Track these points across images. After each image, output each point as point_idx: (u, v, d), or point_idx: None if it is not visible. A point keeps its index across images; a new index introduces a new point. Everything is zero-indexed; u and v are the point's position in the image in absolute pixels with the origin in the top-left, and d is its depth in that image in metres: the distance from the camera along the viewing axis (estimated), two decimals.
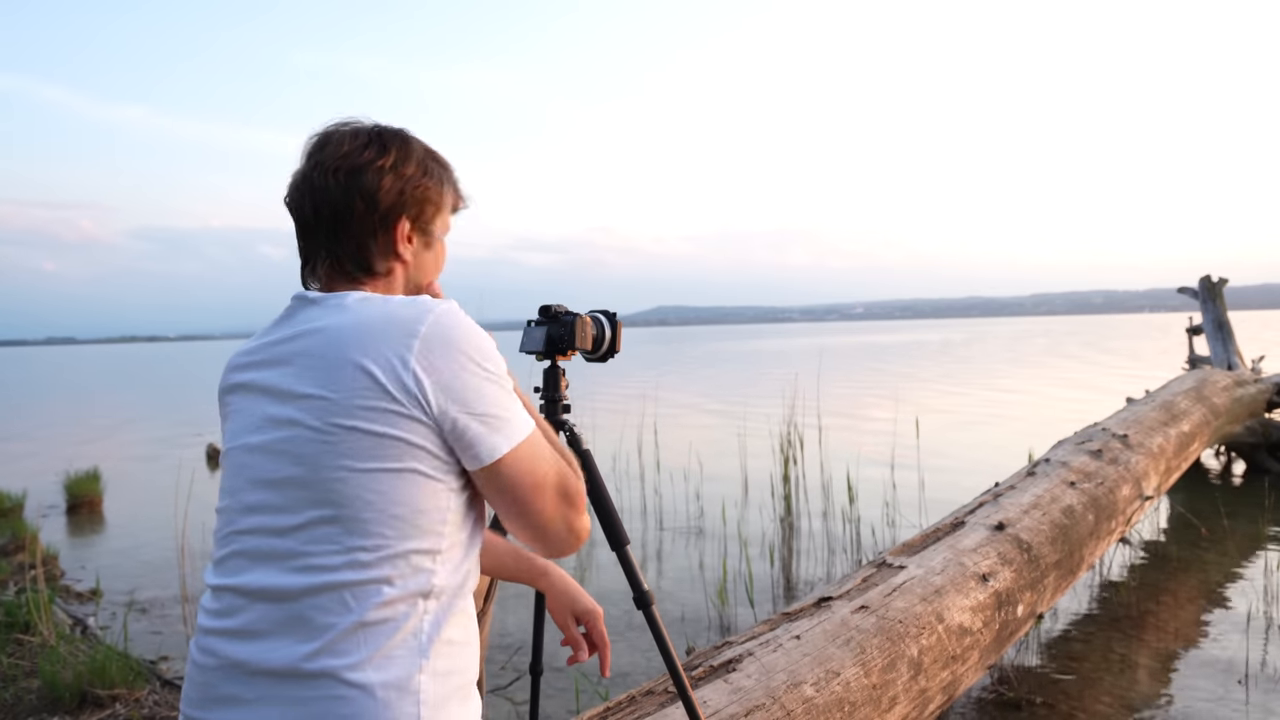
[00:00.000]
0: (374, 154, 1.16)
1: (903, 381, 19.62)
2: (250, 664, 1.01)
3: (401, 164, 1.18)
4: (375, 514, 1.01)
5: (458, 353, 1.05)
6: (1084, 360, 26.41)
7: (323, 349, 1.06)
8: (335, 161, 1.14)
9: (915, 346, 44.35)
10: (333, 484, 1.02)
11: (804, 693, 1.95)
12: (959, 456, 8.52)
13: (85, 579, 5.38)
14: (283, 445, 1.05)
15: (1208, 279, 8.83)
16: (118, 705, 3.22)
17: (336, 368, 1.03)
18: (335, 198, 1.14)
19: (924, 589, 2.52)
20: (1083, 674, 3.36)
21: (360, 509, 1.01)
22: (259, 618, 1.02)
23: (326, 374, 1.04)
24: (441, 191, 1.22)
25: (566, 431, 1.72)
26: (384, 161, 1.17)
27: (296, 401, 1.05)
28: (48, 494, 7.97)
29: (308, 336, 1.08)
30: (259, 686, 1.00)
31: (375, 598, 1.00)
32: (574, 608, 1.49)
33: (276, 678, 0.99)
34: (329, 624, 0.99)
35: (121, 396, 26.60)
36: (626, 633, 3.99)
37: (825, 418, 8.99)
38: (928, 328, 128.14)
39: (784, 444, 6.64)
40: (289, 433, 1.04)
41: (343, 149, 1.15)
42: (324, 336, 1.07)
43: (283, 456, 1.05)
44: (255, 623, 1.02)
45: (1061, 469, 3.86)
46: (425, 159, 1.21)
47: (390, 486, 1.02)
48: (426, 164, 1.21)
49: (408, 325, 1.05)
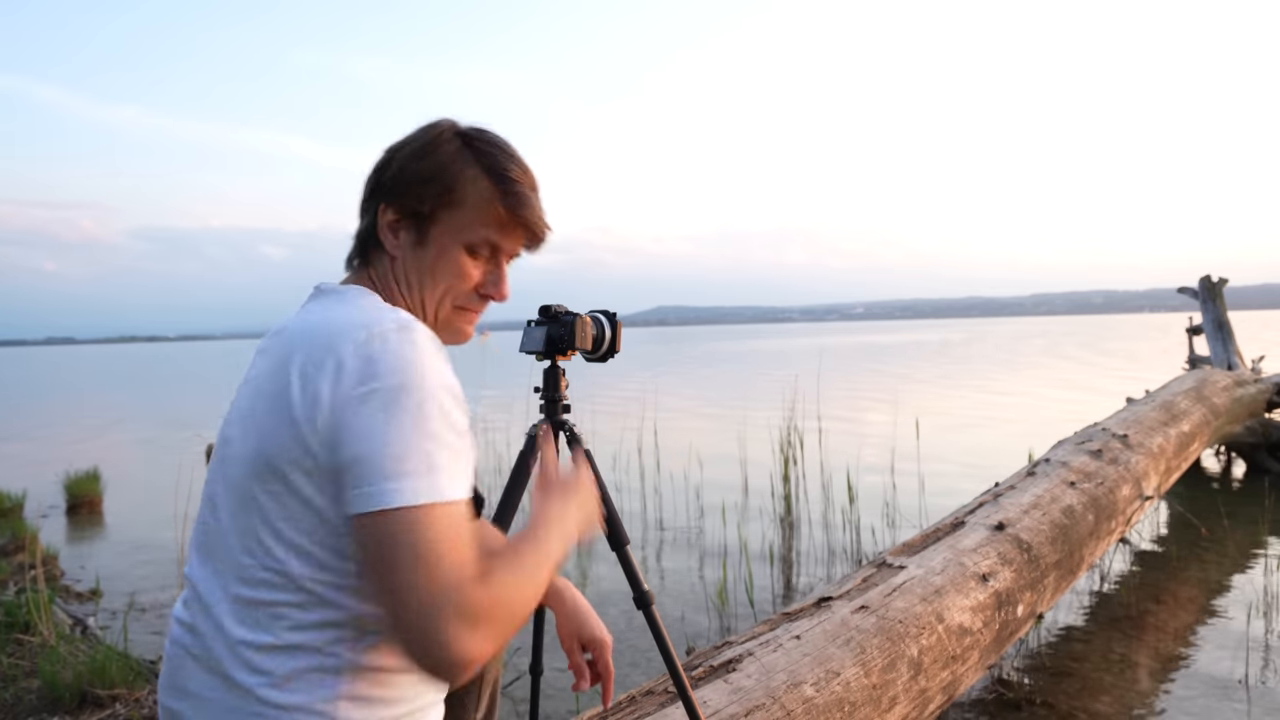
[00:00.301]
0: (405, 137, 1.15)
1: (902, 382, 19.62)
2: (200, 658, 1.01)
3: (418, 147, 1.13)
4: (281, 538, 0.97)
5: (370, 378, 0.93)
6: (1081, 361, 26.41)
7: (279, 349, 1.02)
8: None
9: (915, 347, 44.35)
10: (250, 499, 0.99)
11: (804, 693, 1.95)
12: (959, 457, 8.51)
13: (85, 579, 5.38)
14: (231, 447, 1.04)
15: (1208, 279, 8.83)
16: (118, 705, 3.22)
17: (280, 373, 0.99)
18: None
19: (924, 589, 2.52)
20: (1083, 674, 3.36)
21: (271, 527, 0.98)
22: (200, 615, 1.02)
23: (271, 380, 1.00)
24: (463, 191, 1.11)
25: (567, 431, 1.72)
26: (403, 141, 1.15)
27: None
28: (48, 494, 7.96)
29: (279, 334, 1.07)
30: (206, 684, 1.00)
31: (286, 620, 0.97)
32: (581, 633, 1.44)
33: (218, 678, 0.99)
34: (246, 639, 0.98)
35: (122, 396, 26.59)
36: (626, 633, 3.99)
37: (825, 418, 9.00)
38: (928, 328, 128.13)
39: (784, 444, 6.64)
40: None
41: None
42: (285, 337, 1.04)
43: (225, 460, 1.04)
44: (197, 619, 1.02)
45: (1061, 469, 3.86)
46: (459, 153, 1.12)
47: (293, 512, 0.97)
48: (455, 155, 1.12)
49: (338, 336, 0.97)
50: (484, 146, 1.13)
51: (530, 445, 1.78)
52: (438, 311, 1.15)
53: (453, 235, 1.12)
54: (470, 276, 1.14)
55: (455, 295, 1.14)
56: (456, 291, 1.14)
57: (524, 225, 1.14)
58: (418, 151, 1.12)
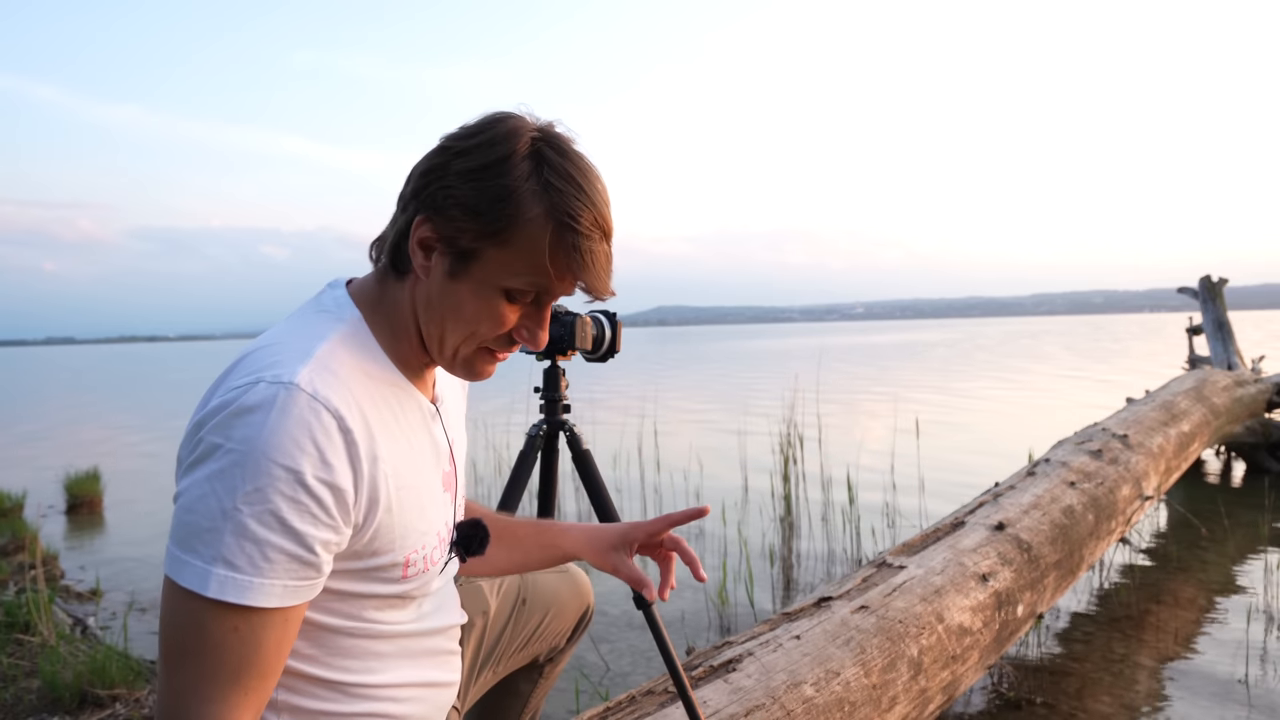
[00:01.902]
0: (467, 133, 0.96)
1: (903, 381, 19.62)
2: None
3: (479, 165, 0.92)
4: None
5: (213, 442, 0.82)
6: (1081, 361, 26.41)
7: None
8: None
9: (915, 346, 44.34)
10: None
11: (804, 693, 1.95)
12: (959, 456, 8.51)
13: (85, 579, 5.37)
14: None
15: (1208, 279, 8.83)
16: (118, 705, 3.22)
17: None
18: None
19: (924, 589, 2.52)
20: (1083, 674, 3.35)
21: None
22: None
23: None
24: (519, 233, 0.92)
25: (567, 431, 1.72)
26: (465, 139, 0.95)
27: None
28: (47, 494, 7.96)
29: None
30: None
31: None
32: (614, 543, 1.34)
33: None
34: None
35: (122, 397, 26.59)
36: (626, 632, 3.99)
37: (825, 418, 8.99)
38: (928, 328, 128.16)
39: (784, 444, 6.64)
40: None
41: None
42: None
43: None
44: None
45: (1061, 469, 3.85)
46: (525, 183, 0.91)
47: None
48: (519, 185, 0.91)
49: (225, 375, 0.89)
50: (557, 180, 0.92)
51: (530, 445, 1.78)
52: (458, 350, 1.00)
53: (494, 277, 0.94)
54: (504, 322, 0.97)
55: (482, 339, 0.99)
56: (484, 336, 0.98)
57: (581, 285, 0.96)
58: (477, 171, 0.92)
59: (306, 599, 0.88)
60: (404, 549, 0.99)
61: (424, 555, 1.04)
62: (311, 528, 0.84)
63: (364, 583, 0.98)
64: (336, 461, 0.85)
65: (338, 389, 0.88)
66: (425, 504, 1.03)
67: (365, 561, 0.97)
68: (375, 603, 1.02)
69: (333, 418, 0.86)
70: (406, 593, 1.04)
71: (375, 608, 1.02)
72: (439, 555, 1.08)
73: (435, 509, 1.06)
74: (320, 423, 0.84)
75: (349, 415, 0.88)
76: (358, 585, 0.98)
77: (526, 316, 0.99)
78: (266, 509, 0.81)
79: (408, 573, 1.02)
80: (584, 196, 0.93)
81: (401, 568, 1.00)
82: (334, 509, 0.86)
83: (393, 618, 1.05)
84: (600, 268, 0.95)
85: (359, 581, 0.98)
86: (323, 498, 0.84)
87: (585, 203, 0.93)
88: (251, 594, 0.81)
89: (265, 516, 0.81)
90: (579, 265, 0.94)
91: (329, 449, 0.84)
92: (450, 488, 1.12)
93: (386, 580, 1.00)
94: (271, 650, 0.85)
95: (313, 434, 0.83)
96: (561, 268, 0.94)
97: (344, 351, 0.93)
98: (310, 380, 0.86)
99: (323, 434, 0.84)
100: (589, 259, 0.94)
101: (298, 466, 0.82)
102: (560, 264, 0.93)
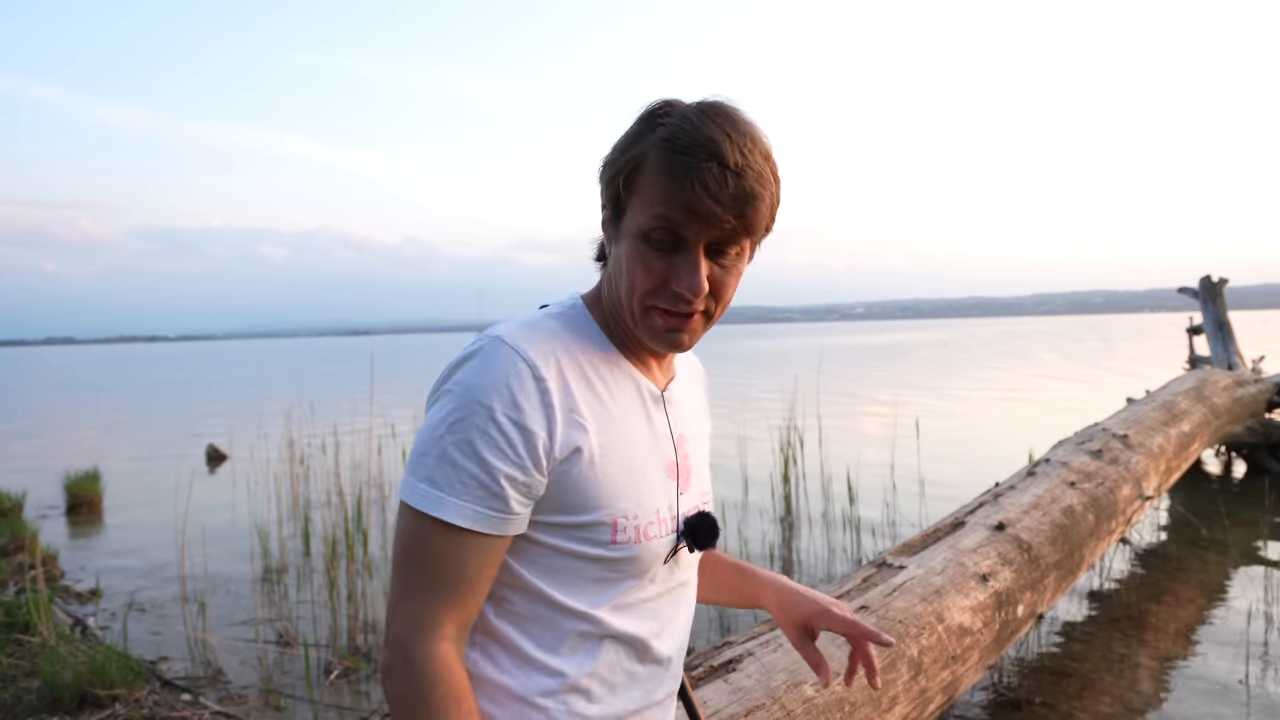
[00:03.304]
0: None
1: (903, 382, 19.63)
2: None
3: (648, 120, 0.98)
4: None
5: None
6: (1077, 362, 26.42)
7: None
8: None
9: (915, 346, 44.34)
10: None
11: (804, 692, 1.95)
12: (958, 456, 8.51)
13: (85, 579, 5.38)
14: None
15: (1208, 279, 8.84)
16: (117, 705, 3.22)
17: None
18: None
19: (924, 589, 2.52)
20: (1083, 674, 3.35)
21: None
22: None
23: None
24: (641, 170, 0.97)
25: None
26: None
27: None
28: (47, 494, 7.97)
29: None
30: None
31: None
32: (798, 619, 1.28)
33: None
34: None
35: (121, 396, 26.60)
36: None
37: (825, 418, 8.99)
38: (928, 328, 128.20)
39: (784, 444, 6.65)
40: None
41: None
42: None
43: None
44: None
45: (1062, 469, 3.85)
46: (643, 125, 0.98)
47: None
48: (639, 130, 0.98)
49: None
50: (673, 119, 0.95)
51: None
52: (634, 312, 1.01)
53: (634, 223, 0.97)
54: (652, 271, 0.97)
55: (640, 293, 0.99)
56: (640, 289, 0.99)
57: (693, 199, 0.93)
58: (620, 140, 1.00)
59: (498, 531, 0.97)
60: (613, 510, 1.01)
61: (637, 525, 1.03)
62: (499, 460, 0.94)
63: (574, 541, 1.01)
64: (527, 405, 0.95)
65: (538, 346, 0.99)
66: (638, 476, 1.04)
67: (574, 516, 1.00)
68: (588, 568, 1.02)
69: (528, 367, 0.96)
70: (618, 561, 1.03)
71: (591, 579, 1.02)
72: (656, 534, 1.06)
73: (652, 486, 1.06)
74: (516, 370, 0.95)
75: (544, 368, 0.97)
76: (568, 543, 1.01)
77: (673, 263, 0.98)
78: (464, 438, 0.94)
79: (617, 537, 1.02)
80: (692, 127, 0.94)
81: (610, 529, 1.01)
82: (521, 448, 0.95)
83: (603, 597, 1.04)
84: (718, 194, 0.92)
85: (570, 539, 1.01)
86: (510, 435, 0.94)
87: (694, 131, 0.93)
88: (444, 510, 0.93)
89: (463, 444, 0.94)
90: (689, 192, 0.92)
91: (520, 393, 0.95)
92: (674, 476, 1.11)
93: (596, 543, 1.01)
94: (473, 571, 0.96)
95: (508, 379, 0.95)
96: (675, 196, 0.93)
97: (556, 325, 1.04)
98: (513, 336, 0.98)
99: (516, 380, 0.95)
100: (699, 184, 0.92)
101: (490, 404, 0.94)
102: (673, 192, 0.93)
